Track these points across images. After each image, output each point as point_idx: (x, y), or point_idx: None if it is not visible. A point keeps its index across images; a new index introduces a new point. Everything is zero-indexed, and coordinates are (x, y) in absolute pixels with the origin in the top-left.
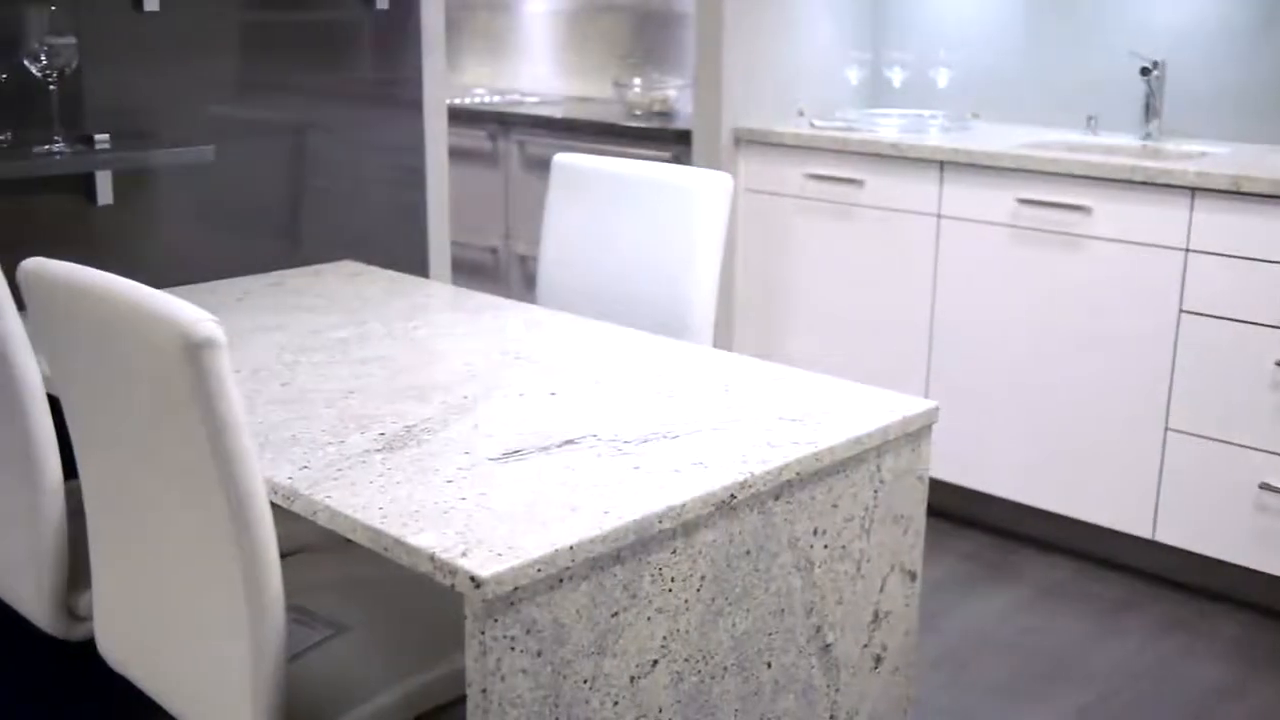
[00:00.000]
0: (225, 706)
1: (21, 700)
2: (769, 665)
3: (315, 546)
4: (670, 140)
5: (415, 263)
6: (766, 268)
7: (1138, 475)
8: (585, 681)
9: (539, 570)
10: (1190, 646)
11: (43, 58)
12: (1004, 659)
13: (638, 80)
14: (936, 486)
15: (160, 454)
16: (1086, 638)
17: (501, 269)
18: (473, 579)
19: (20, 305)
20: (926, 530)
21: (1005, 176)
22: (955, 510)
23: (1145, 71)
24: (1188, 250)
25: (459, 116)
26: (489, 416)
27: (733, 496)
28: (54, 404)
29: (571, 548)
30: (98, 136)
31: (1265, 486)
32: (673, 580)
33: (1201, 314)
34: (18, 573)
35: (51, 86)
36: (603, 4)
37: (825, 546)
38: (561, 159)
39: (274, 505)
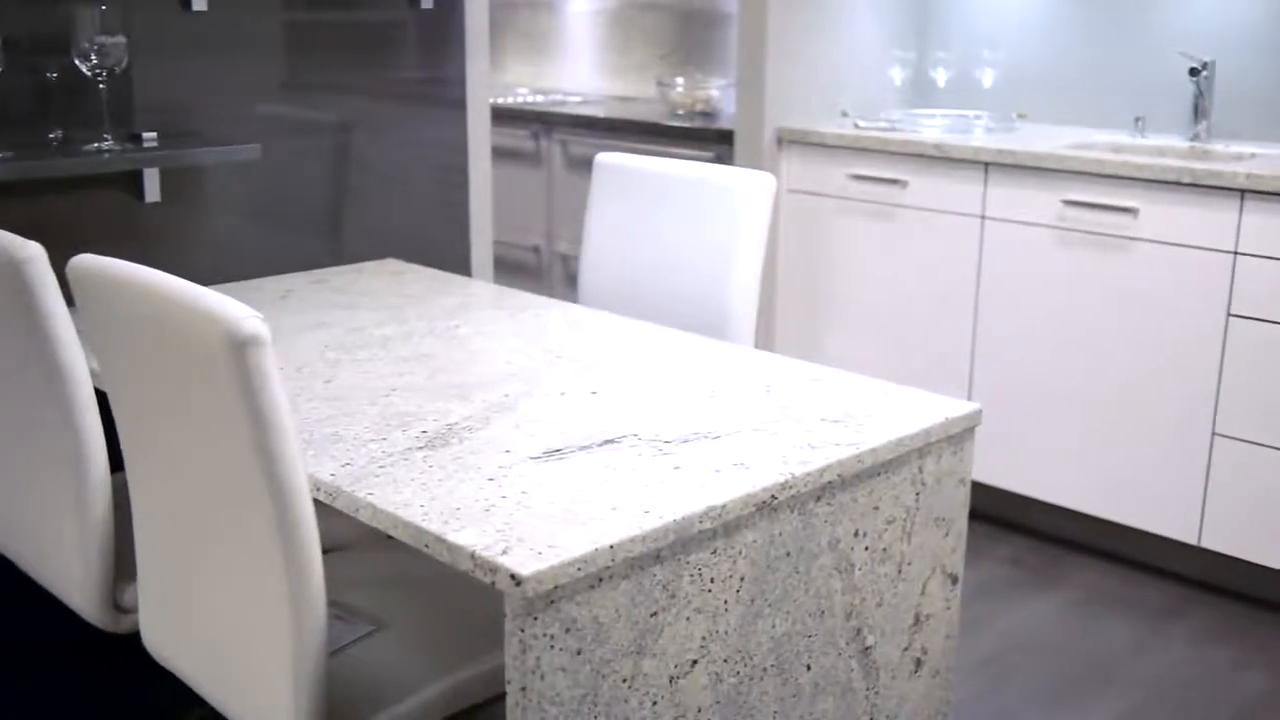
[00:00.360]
0: (267, 699)
1: (67, 691)
2: (808, 667)
3: (355, 543)
4: (713, 140)
5: (458, 261)
6: (809, 268)
7: (1184, 480)
8: (624, 681)
9: (579, 569)
10: (1236, 655)
11: (93, 56)
12: (1046, 664)
13: (680, 80)
14: (979, 489)
15: (205, 450)
16: (1130, 644)
17: (543, 268)
18: (513, 577)
19: (70, 301)
20: (968, 533)
21: (1051, 178)
22: (997, 514)
23: (1194, 72)
24: (1236, 253)
25: (502, 116)
26: (530, 415)
27: (773, 497)
28: (101, 398)
29: (611, 547)
30: (146, 135)
31: None
32: (712, 581)
33: (1250, 318)
34: (65, 565)
35: (101, 85)
36: (645, 3)
37: (866, 549)
38: (604, 158)
39: (316, 502)
